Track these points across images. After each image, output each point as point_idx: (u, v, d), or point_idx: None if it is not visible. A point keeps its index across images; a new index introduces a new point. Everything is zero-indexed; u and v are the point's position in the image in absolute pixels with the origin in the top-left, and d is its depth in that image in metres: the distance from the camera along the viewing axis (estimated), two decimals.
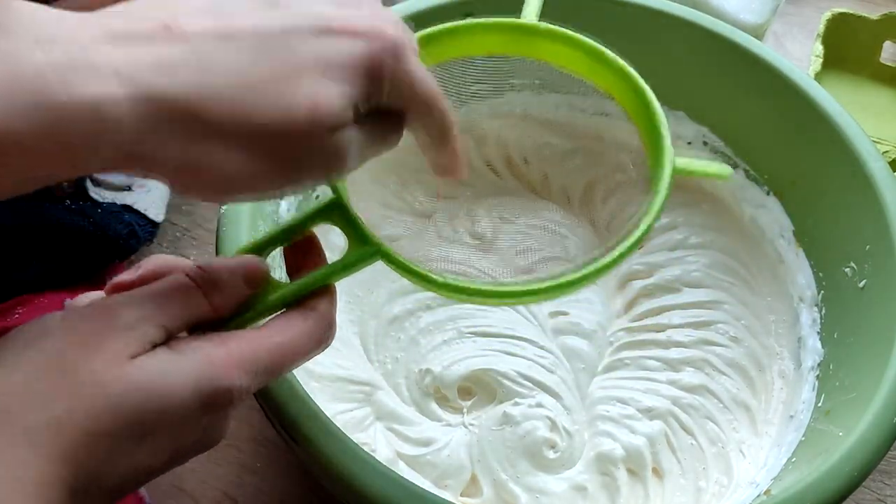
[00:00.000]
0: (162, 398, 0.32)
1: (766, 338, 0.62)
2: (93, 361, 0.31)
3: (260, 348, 0.35)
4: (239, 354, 0.34)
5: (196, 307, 0.35)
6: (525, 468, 0.55)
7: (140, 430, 0.32)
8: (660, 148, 0.43)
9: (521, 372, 0.57)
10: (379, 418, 0.56)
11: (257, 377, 0.35)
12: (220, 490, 0.57)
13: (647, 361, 0.60)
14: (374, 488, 0.42)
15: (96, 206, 0.59)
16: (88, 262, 0.58)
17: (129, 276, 0.36)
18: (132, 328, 0.33)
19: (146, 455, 0.33)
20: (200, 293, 0.35)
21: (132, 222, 0.60)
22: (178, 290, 0.35)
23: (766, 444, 0.57)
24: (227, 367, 0.33)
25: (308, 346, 0.37)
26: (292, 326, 0.37)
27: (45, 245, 0.55)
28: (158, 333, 0.33)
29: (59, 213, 0.56)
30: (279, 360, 0.36)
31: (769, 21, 0.82)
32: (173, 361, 0.33)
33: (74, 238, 0.56)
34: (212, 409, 0.33)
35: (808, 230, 0.61)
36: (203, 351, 0.34)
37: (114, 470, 0.32)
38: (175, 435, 0.33)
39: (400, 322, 0.60)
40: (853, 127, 0.57)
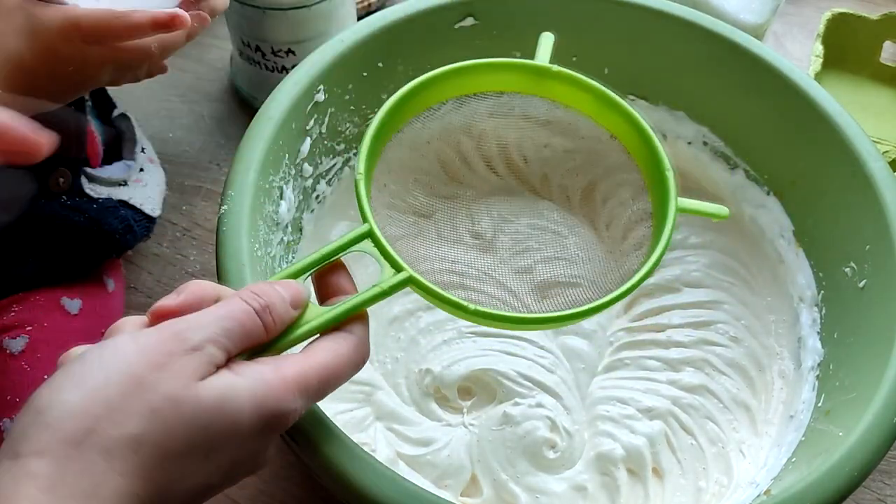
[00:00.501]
0: (226, 417, 0.34)
1: (766, 338, 0.62)
2: (167, 383, 0.33)
3: (310, 371, 0.37)
4: (294, 378, 0.36)
5: (254, 329, 0.37)
6: (525, 468, 0.55)
7: (207, 448, 0.34)
8: (664, 189, 0.46)
9: (521, 372, 0.57)
10: (379, 418, 0.56)
11: (308, 399, 0.37)
12: None
13: (647, 361, 0.60)
14: (374, 488, 0.42)
15: (92, 201, 0.59)
16: (84, 257, 0.58)
17: (171, 302, 0.37)
18: (199, 349, 0.34)
19: (210, 473, 0.34)
20: (257, 318, 0.37)
21: (128, 217, 0.60)
22: (240, 315, 0.36)
23: (766, 444, 0.57)
24: (284, 391, 0.36)
25: (348, 369, 0.39)
26: (335, 350, 0.39)
27: (40, 241, 0.55)
28: (222, 356, 0.35)
29: (53, 208, 0.56)
30: (325, 383, 0.38)
31: (769, 21, 0.82)
32: (236, 383, 0.35)
33: (69, 233, 0.56)
34: (268, 429, 0.36)
35: (808, 230, 0.61)
36: (261, 375, 0.35)
37: (181, 487, 0.33)
38: (235, 454, 0.35)
39: (400, 322, 0.60)
40: (853, 127, 0.57)
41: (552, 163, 0.68)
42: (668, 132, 0.68)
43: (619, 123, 0.48)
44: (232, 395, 0.34)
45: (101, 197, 0.60)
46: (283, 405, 0.35)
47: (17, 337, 0.53)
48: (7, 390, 0.51)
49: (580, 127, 0.57)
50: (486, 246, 0.65)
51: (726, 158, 0.66)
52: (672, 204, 0.45)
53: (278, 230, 0.57)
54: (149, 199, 0.63)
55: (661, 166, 0.46)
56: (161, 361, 0.33)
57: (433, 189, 0.43)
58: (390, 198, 0.65)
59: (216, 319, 0.36)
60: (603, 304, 0.43)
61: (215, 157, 0.75)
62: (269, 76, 0.74)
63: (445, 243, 0.65)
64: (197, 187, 0.73)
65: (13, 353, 0.53)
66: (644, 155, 0.48)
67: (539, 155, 0.68)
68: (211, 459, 0.34)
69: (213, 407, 0.34)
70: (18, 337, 0.53)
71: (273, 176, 0.55)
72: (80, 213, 0.57)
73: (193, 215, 0.71)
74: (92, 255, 0.59)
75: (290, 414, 0.36)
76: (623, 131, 0.48)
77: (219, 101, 0.79)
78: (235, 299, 0.37)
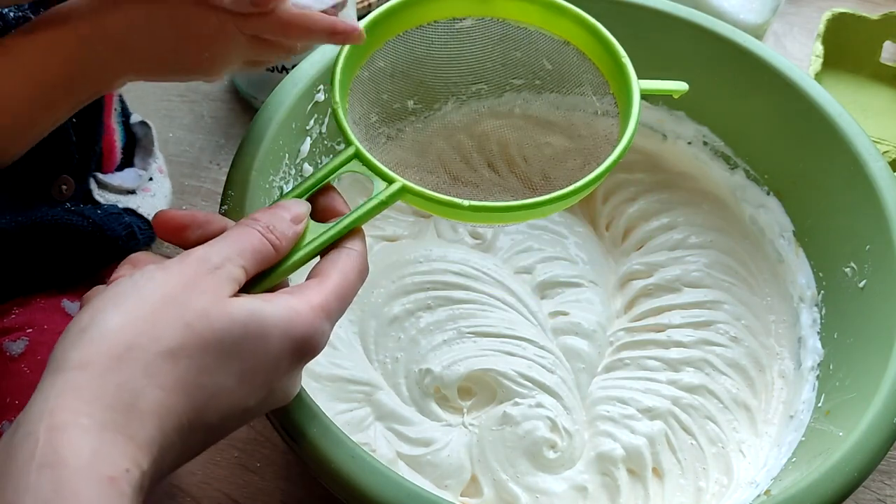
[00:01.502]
0: (258, 334, 0.35)
1: (766, 338, 0.62)
2: (198, 299, 0.35)
3: (330, 294, 0.39)
4: (319, 303, 0.38)
5: (262, 246, 0.39)
6: (525, 468, 0.55)
7: (240, 365, 0.35)
8: (624, 76, 0.48)
9: (521, 372, 0.57)
10: (379, 418, 0.56)
11: (332, 320, 0.39)
12: (220, 490, 0.57)
13: (647, 361, 0.60)
14: (374, 488, 0.42)
15: (97, 207, 0.59)
16: (86, 262, 0.58)
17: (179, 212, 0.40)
18: (220, 267, 0.36)
19: (244, 394, 0.36)
20: (262, 236, 0.39)
21: (132, 224, 0.60)
22: (245, 234, 0.39)
23: (766, 444, 0.57)
24: (312, 316, 0.37)
25: (357, 284, 0.41)
26: (343, 268, 0.40)
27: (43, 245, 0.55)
28: (240, 273, 0.37)
29: (57, 213, 0.56)
30: (343, 301, 0.40)
31: (769, 21, 0.82)
32: (265, 305, 0.36)
33: (71, 238, 0.56)
34: (300, 354, 0.37)
35: (808, 230, 0.61)
36: (290, 302, 0.37)
37: (217, 405, 0.35)
38: (269, 378, 0.37)
39: (400, 322, 0.60)
40: (853, 127, 0.57)
41: (552, 163, 0.68)
42: (668, 132, 0.68)
43: (569, 28, 0.50)
44: (261, 317, 0.35)
45: (108, 203, 0.60)
46: (311, 329, 0.37)
47: (18, 339, 0.53)
48: (7, 393, 0.51)
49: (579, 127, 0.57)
50: (486, 246, 0.65)
51: (726, 158, 0.66)
52: (634, 87, 0.47)
53: None
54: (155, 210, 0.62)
55: (616, 57, 0.48)
56: (189, 282, 0.35)
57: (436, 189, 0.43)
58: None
59: (229, 242, 0.38)
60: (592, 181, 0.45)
61: (215, 157, 0.75)
62: (269, 76, 0.74)
63: (445, 243, 0.65)
64: (197, 187, 0.73)
65: (13, 355, 0.52)
66: (599, 52, 0.49)
67: (539, 155, 0.68)
68: (245, 379, 0.35)
69: (243, 323, 0.35)
70: (18, 339, 0.53)
71: (273, 176, 0.55)
72: (84, 219, 0.56)
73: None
74: (94, 260, 0.59)
75: (321, 338, 0.38)
76: (575, 35, 0.50)
77: (219, 101, 0.79)
78: (241, 225, 0.40)
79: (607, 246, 0.67)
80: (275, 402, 0.39)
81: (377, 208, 0.43)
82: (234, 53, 0.46)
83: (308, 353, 0.38)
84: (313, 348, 0.38)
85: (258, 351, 0.35)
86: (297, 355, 0.37)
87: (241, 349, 0.35)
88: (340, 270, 0.40)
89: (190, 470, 0.57)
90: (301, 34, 0.46)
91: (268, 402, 0.38)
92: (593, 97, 0.51)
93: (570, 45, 0.50)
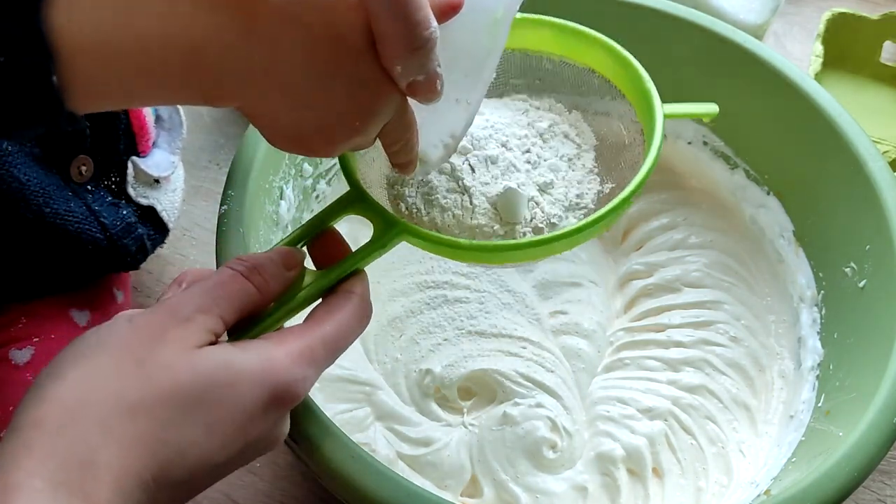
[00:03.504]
0: (225, 387, 0.34)
1: (766, 338, 0.62)
2: (161, 351, 0.34)
3: (315, 340, 0.37)
4: (298, 350, 0.36)
5: (243, 292, 0.37)
6: (525, 468, 0.55)
7: (208, 419, 0.33)
8: (648, 101, 0.46)
9: (521, 372, 0.57)
10: (379, 418, 0.56)
11: (317, 367, 0.38)
12: (220, 490, 0.57)
13: (647, 361, 0.60)
14: (374, 488, 0.42)
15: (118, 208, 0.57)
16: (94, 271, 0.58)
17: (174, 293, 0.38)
18: (191, 319, 0.35)
19: (215, 447, 0.34)
20: (244, 279, 0.38)
21: (142, 237, 0.58)
22: (226, 280, 0.37)
23: (766, 444, 0.57)
24: (289, 364, 0.36)
25: (355, 328, 0.40)
26: (338, 312, 0.39)
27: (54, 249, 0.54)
28: (216, 323, 0.36)
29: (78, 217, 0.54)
30: (333, 346, 0.38)
31: (769, 21, 0.82)
32: (236, 354, 0.35)
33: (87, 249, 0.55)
34: (277, 403, 0.36)
35: (808, 230, 0.61)
36: (265, 349, 0.36)
37: (183, 461, 0.33)
38: (242, 429, 0.35)
39: (400, 322, 0.60)
40: (853, 127, 0.57)
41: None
42: (668, 132, 0.68)
43: (592, 54, 0.49)
44: (233, 367, 0.34)
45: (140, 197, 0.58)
46: (288, 377, 0.36)
47: (24, 348, 0.53)
48: (10, 401, 0.51)
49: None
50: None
51: (726, 158, 0.66)
52: (658, 112, 0.46)
53: (278, 230, 0.57)
54: (171, 206, 0.61)
55: (640, 82, 0.47)
56: (154, 334, 0.34)
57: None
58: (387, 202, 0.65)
59: (204, 290, 0.36)
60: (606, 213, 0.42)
61: (215, 157, 0.75)
62: None
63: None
64: (197, 187, 0.73)
65: (18, 364, 0.52)
66: (623, 77, 0.48)
67: None
68: (214, 431, 0.34)
69: (209, 374, 0.34)
70: (25, 348, 0.53)
71: (273, 176, 0.55)
72: (102, 230, 0.55)
73: (193, 215, 0.71)
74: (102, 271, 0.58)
75: (298, 385, 0.36)
76: (598, 61, 0.49)
77: None
78: (221, 269, 0.38)
79: (607, 246, 0.67)
80: (257, 452, 0.37)
81: (377, 251, 0.41)
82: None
83: (286, 401, 0.36)
84: (292, 397, 0.36)
85: (227, 402, 0.34)
86: (274, 404, 0.36)
87: (207, 400, 0.33)
88: (333, 316, 0.39)
89: None
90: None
91: (247, 454, 0.36)
92: (620, 124, 0.49)
93: (596, 72, 0.49)
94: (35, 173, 0.51)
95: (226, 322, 0.36)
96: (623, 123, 0.49)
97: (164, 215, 0.60)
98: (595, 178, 0.48)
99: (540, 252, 0.44)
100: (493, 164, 0.46)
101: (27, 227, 0.51)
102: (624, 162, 0.48)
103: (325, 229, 0.43)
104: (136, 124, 0.57)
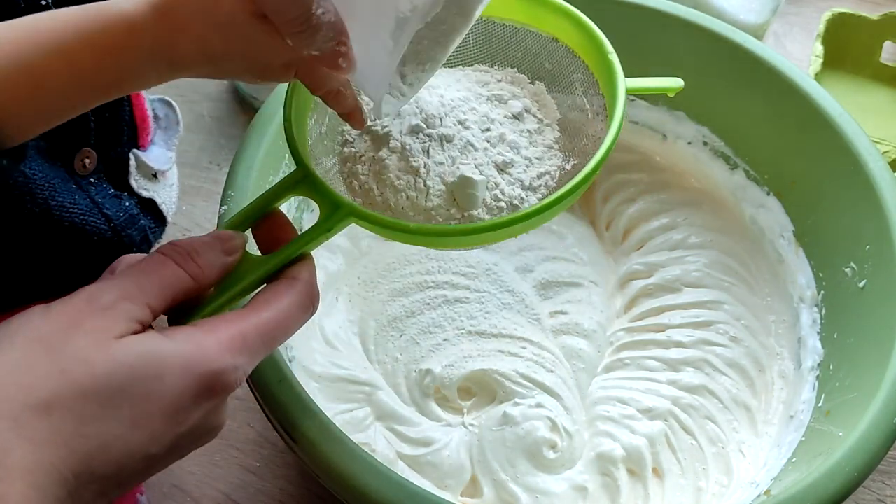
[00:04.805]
0: (151, 375, 0.32)
1: (766, 338, 0.62)
2: (76, 341, 0.32)
3: (249, 327, 0.35)
4: (229, 337, 0.34)
5: (174, 278, 0.35)
6: (525, 468, 0.55)
7: (131, 411, 0.32)
8: (611, 72, 0.44)
9: (521, 372, 0.57)
10: (379, 418, 0.56)
11: (252, 355, 0.35)
12: (220, 490, 0.57)
13: (647, 361, 0.60)
14: (374, 488, 0.42)
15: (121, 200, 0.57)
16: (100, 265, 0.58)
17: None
18: (112, 307, 0.33)
19: (143, 440, 0.32)
20: (175, 264, 0.36)
21: (145, 228, 0.59)
22: (152, 266, 0.35)
23: (766, 444, 0.57)
24: (219, 352, 0.34)
25: (297, 316, 0.38)
26: (279, 299, 0.37)
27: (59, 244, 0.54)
28: (142, 311, 0.34)
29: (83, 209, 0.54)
30: (270, 335, 0.36)
31: (769, 21, 0.82)
32: (162, 343, 0.33)
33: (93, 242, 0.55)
34: (207, 393, 0.34)
35: (808, 230, 0.61)
36: (193, 337, 0.34)
37: (107, 456, 0.31)
38: (172, 420, 0.33)
39: (400, 322, 0.60)
40: (853, 127, 0.57)
41: None
42: (668, 132, 0.68)
43: (556, 23, 0.47)
44: (155, 356, 0.32)
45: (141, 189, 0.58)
46: (217, 365, 0.34)
47: None
48: None
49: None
50: (487, 246, 0.65)
51: (726, 158, 0.66)
52: (620, 84, 0.44)
53: None
54: (168, 200, 0.61)
55: (603, 52, 0.45)
56: (70, 323, 0.32)
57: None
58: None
59: (129, 276, 0.35)
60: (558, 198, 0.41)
61: (215, 157, 0.75)
62: None
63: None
64: (197, 187, 0.73)
65: None
66: (587, 48, 0.46)
67: None
68: (139, 424, 0.32)
69: (130, 365, 0.32)
70: None
71: (273, 176, 0.55)
72: (107, 221, 0.55)
73: (193, 215, 0.71)
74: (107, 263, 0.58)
75: (229, 374, 0.34)
76: (562, 30, 0.47)
77: (219, 101, 0.79)
78: (152, 256, 0.36)
79: (607, 246, 0.67)
80: (194, 443, 0.35)
81: (322, 235, 0.39)
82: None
83: (217, 390, 0.34)
84: (224, 386, 0.34)
85: (152, 393, 0.32)
86: (204, 394, 0.34)
87: (129, 393, 0.32)
88: (273, 303, 0.37)
89: (189, 470, 0.57)
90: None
91: (183, 446, 0.35)
92: (584, 98, 0.48)
93: (559, 42, 0.48)
94: (40, 166, 0.51)
95: (153, 310, 0.34)
96: (587, 97, 0.48)
97: (164, 208, 0.60)
98: (557, 154, 0.46)
99: (496, 236, 0.42)
100: (448, 142, 0.44)
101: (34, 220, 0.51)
102: (587, 137, 0.47)
103: (269, 211, 0.40)
104: (138, 115, 0.57)
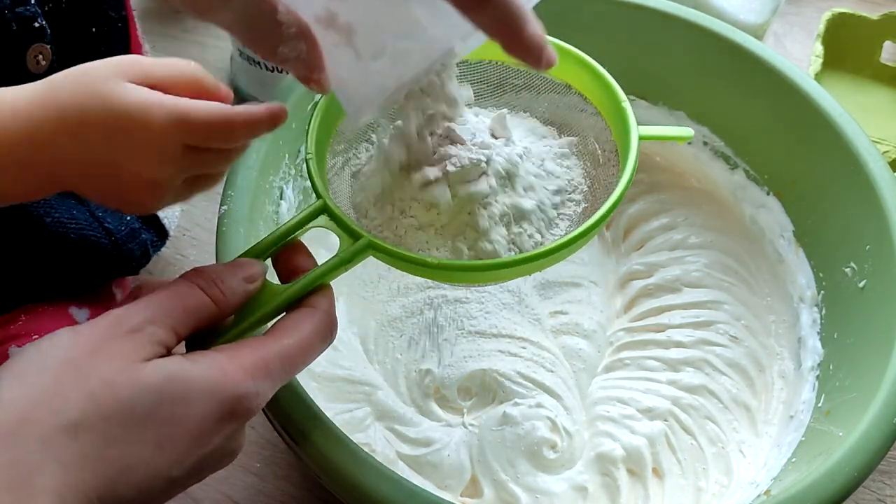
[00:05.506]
0: (177, 399, 0.33)
1: (766, 338, 0.62)
2: (103, 366, 0.32)
3: (270, 353, 0.36)
4: (252, 363, 0.35)
5: (199, 304, 0.36)
6: (525, 468, 0.55)
7: (155, 433, 0.32)
8: (624, 121, 0.45)
9: (521, 372, 0.57)
10: (379, 418, 0.56)
11: (273, 381, 0.36)
12: (220, 491, 0.57)
13: (647, 361, 0.60)
14: (374, 488, 0.42)
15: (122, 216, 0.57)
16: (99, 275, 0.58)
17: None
18: (139, 331, 0.34)
19: (166, 463, 0.33)
20: (200, 291, 0.36)
21: (146, 242, 0.59)
22: (178, 291, 0.36)
23: (766, 444, 0.57)
24: (242, 377, 0.35)
25: (317, 345, 0.38)
26: (299, 326, 0.38)
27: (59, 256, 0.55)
28: (167, 335, 0.34)
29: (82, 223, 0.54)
30: (291, 362, 0.37)
31: (769, 21, 0.82)
32: (187, 367, 0.34)
33: (91, 255, 0.55)
34: (229, 417, 0.34)
35: (808, 230, 0.61)
36: (217, 361, 0.35)
37: (131, 478, 0.32)
38: (196, 444, 0.34)
39: (400, 322, 0.60)
40: (853, 127, 0.57)
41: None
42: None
43: (570, 70, 0.48)
44: (181, 379, 0.33)
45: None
46: (241, 390, 0.34)
47: (24, 346, 0.53)
48: None
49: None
50: None
51: (726, 158, 0.66)
52: (633, 133, 0.45)
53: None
54: (171, 213, 0.61)
55: (616, 100, 0.46)
56: (98, 347, 0.33)
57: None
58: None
59: (156, 301, 0.35)
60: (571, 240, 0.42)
61: None
62: (269, 76, 0.74)
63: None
64: None
65: None
66: (599, 95, 0.48)
67: None
68: (164, 447, 0.33)
69: (156, 389, 0.32)
70: (24, 346, 0.53)
71: (273, 176, 0.55)
72: (107, 235, 0.55)
73: (193, 215, 0.71)
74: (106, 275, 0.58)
75: (252, 399, 0.35)
76: (576, 77, 0.48)
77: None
78: (176, 280, 0.37)
79: (607, 246, 0.67)
80: (214, 466, 0.36)
81: (341, 266, 0.40)
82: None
83: (239, 414, 0.35)
84: (246, 410, 0.35)
85: (177, 417, 0.33)
86: (227, 418, 0.34)
87: (154, 416, 0.32)
88: (294, 331, 0.37)
89: None
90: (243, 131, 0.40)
91: (203, 469, 0.35)
92: (595, 144, 0.49)
93: (573, 88, 0.49)
94: None
95: (178, 334, 0.35)
96: (598, 143, 0.49)
97: (166, 222, 0.60)
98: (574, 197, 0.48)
99: (515, 272, 0.43)
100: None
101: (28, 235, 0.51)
102: (597, 182, 0.48)
103: (290, 241, 0.42)
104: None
